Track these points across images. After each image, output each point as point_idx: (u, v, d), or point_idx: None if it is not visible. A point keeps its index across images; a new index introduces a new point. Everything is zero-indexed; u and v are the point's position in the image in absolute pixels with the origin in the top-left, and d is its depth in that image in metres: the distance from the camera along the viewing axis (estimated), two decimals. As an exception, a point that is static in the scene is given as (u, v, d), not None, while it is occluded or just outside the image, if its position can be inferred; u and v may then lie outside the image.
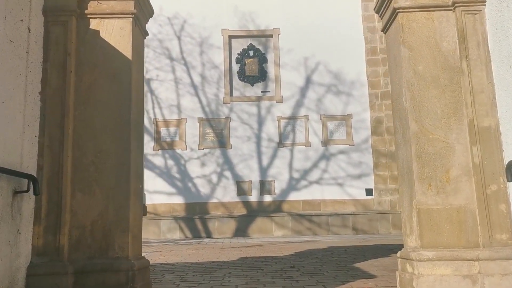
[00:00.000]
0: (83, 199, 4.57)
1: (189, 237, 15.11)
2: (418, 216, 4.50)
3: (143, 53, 5.35)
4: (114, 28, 4.89)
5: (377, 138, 16.41)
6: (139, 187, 4.95)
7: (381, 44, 16.79)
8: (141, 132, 5.09)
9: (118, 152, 4.64)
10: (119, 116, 4.71)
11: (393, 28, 5.03)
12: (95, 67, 4.80)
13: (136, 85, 4.95)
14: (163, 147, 16.43)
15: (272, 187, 16.30)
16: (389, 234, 14.95)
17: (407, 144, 4.71)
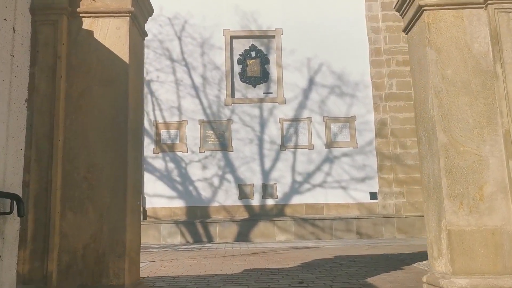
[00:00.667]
0: (74, 220, 4.03)
1: (190, 241, 14.57)
2: (448, 238, 3.96)
3: (142, 55, 4.81)
4: (110, 28, 4.35)
5: (382, 141, 15.87)
6: (137, 204, 4.41)
7: (385, 44, 16.25)
8: (139, 143, 4.55)
9: (113, 165, 4.11)
10: (115, 125, 4.17)
11: (417, 28, 4.49)
12: (88, 72, 4.26)
13: (134, 91, 4.40)
14: (163, 150, 15.89)
15: (275, 190, 15.76)
16: (394, 239, 14.43)
17: (434, 157, 4.18)
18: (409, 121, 15.80)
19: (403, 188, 15.52)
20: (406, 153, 15.68)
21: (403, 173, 15.57)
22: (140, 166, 4.54)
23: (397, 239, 14.25)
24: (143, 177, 15.65)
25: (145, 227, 14.71)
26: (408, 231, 14.84)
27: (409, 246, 11.88)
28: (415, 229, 14.86)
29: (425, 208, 4.48)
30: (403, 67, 16.07)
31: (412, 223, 14.90)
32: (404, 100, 15.91)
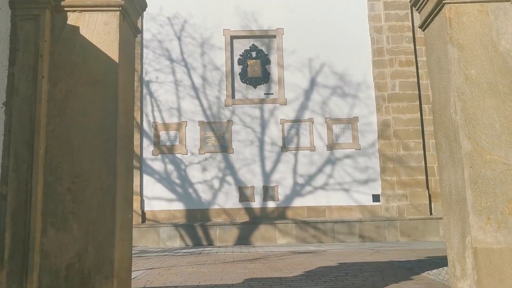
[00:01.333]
0: (57, 237, 3.56)
1: (190, 245, 14.11)
2: (474, 258, 3.49)
3: (133, 53, 4.33)
4: (97, 24, 3.88)
5: (384, 142, 15.39)
6: (128, 218, 3.94)
7: (388, 44, 15.78)
8: (131, 150, 4.08)
9: (101, 176, 3.63)
10: (103, 131, 3.70)
11: (437, 24, 4.02)
12: (74, 72, 3.79)
13: (124, 93, 3.93)
14: (162, 152, 15.42)
15: (276, 192, 15.30)
16: (397, 242, 13.97)
17: (456, 166, 3.70)
18: (413, 122, 15.34)
19: (406, 191, 15.05)
20: (409, 154, 15.21)
21: (406, 175, 15.10)
22: (132, 176, 4.08)
23: (400, 243, 13.79)
24: (142, 179, 15.20)
25: (144, 230, 14.26)
26: (411, 234, 14.38)
27: (414, 251, 11.42)
28: (418, 232, 14.40)
29: (445, 222, 4.00)
30: (406, 68, 15.61)
31: (415, 226, 14.44)
32: (407, 101, 15.44)
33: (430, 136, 15.42)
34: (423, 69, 15.73)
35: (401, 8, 15.88)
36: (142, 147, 15.35)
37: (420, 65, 15.74)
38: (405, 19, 15.84)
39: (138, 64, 15.68)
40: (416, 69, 15.66)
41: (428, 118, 15.50)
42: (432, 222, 14.50)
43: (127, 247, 3.86)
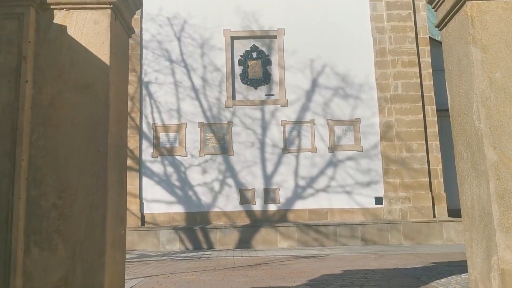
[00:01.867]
0: (41, 257, 3.19)
1: (190, 248, 13.74)
2: (501, 280, 3.12)
3: (126, 55, 3.96)
4: (87, 23, 3.51)
5: (387, 144, 15.03)
6: (120, 235, 3.57)
7: (390, 45, 15.41)
8: (123, 162, 3.71)
9: (90, 190, 3.27)
10: (93, 141, 3.33)
11: (457, 22, 3.65)
12: (60, 76, 3.42)
13: (116, 99, 3.56)
14: (162, 154, 15.05)
15: (277, 195, 14.93)
16: (400, 246, 13.61)
17: (480, 178, 3.33)
18: (415, 124, 14.97)
19: (409, 193, 14.69)
20: (412, 156, 14.84)
21: (409, 177, 14.74)
22: (124, 189, 3.71)
23: (403, 246, 13.44)
24: (141, 181, 14.83)
25: (144, 233, 13.89)
26: (414, 237, 14.01)
27: (419, 256, 11.05)
28: (422, 235, 14.03)
29: (467, 238, 3.63)
30: (409, 68, 15.24)
31: (418, 229, 14.08)
32: (410, 102, 15.07)
33: (433, 138, 15.07)
34: (426, 70, 15.38)
35: (404, 8, 15.51)
36: (141, 149, 14.98)
37: (423, 66, 15.38)
38: (408, 19, 15.47)
39: (137, 65, 15.31)
40: (419, 70, 15.28)
41: (431, 119, 15.15)
42: (435, 225, 14.13)
43: (119, 268, 3.49)
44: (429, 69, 15.40)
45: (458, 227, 14.10)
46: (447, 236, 14.02)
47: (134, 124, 14.95)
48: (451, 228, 14.08)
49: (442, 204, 14.79)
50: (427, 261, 9.87)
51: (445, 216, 14.68)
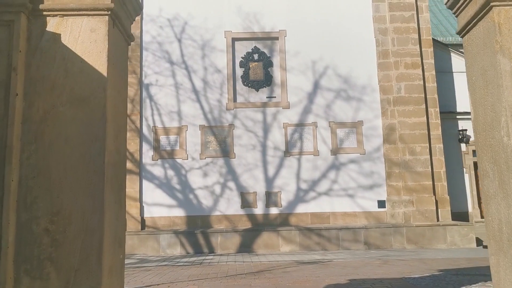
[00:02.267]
0: (32, 287, 2.89)
1: (191, 253, 13.46)
2: (534, 312, 2.82)
3: (125, 65, 3.66)
4: (82, 31, 3.21)
5: (390, 147, 14.74)
6: (118, 260, 3.27)
7: (393, 46, 15.11)
8: (122, 181, 3.41)
9: (85, 213, 2.97)
10: (89, 159, 3.03)
11: (481, 29, 3.35)
12: (54, 88, 3.12)
13: (114, 113, 3.26)
14: (162, 156, 14.75)
15: (279, 198, 14.64)
16: (403, 250, 13.34)
17: (509, 199, 3.04)
18: (419, 126, 14.68)
19: (413, 196, 14.41)
20: (415, 159, 14.56)
21: (413, 180, 14.46)
22: (123, 210, 3.42)
23: (407, 251, 13.16)
24: (142, 185, 14.54)
25: (144, 237, 13.60)
26: (418, 241, 13.74)
27: (424, 262, 10.76)
28: (425, 239, 13.76)
29: (494, 263, 3.34)
30: (412, 70, 14.95)
31: (422, 233, 13.80)
32: (413, 104, 14.79)
33: (436, 140, 14.78)
34: (429, 72, 15.09)
35: (407, 10, 15.21)
36: (142, 152, 14.68)
37: (426, 67, 15.09)
38: (411, 21, 15.17)
39: (138, 66, 15.01)
40: (422, 72, 14.99)
41: (434, 121, 14.87)
42: (439, 229, 13.86)
43: (117, 297, 3.20)
44: (432, 71, 15.11)
45: (462, 231, 13.83)
46: (451, 240, 13.74)
47: (134, 127, 14.65)
48: (455, 232, 13.81)
49: (446, 208, 14.51)
50: (434, 268, 9.58)
51: (448, 220, 14.41)
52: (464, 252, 12.61)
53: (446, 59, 16.67)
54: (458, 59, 16.83)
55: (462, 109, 16.48)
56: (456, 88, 16.60)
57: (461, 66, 16.81)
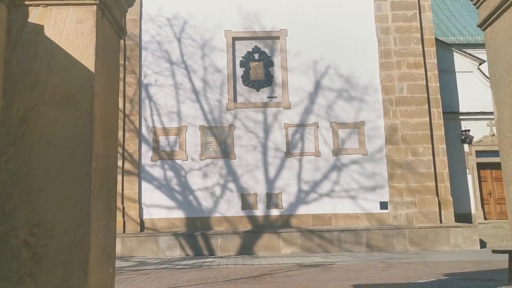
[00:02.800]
0: (10, 307, 2.56)
1: (190, 255, 13.13)
2: None
3: (116, 60, 3.32)
4: (68, 22, 2.88)
5: (392, 147, 14.41)
6: (107, 274, 2.93)
7: (395, 46, 14.78)
8: (112, 187, 3.08)
9: (69, 224, 2.64)
10: (73, 164, 2.70)
11: (506, 22, 3.02)
12: (36, 85, 2.79)
13: (103, 113, 2.93)
14: (162, 157, 14.42)
15: (280, 200, 14.31)
16: (407, 252, 13.01)
17: (539, 209, 2.71)
18: (421, 127, 14.36)
19: (415, 198, 14.08)
20: (418, 160, 14.23)
21: (415, 181, 14.13)
22: (113, 219, 3.09)
23: (410, 253, 12.83)
24: (141, 186, 14.20)
25: (143, 239, 13.27)
26: (421, 243, 13.42)
27: (429, 265, 10.43)
28: (428, 241, 13.43)
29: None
30: (414, 70, 14.62)
31: (424, 235, 13.48)
32: (415, 104, 14.46)
33: (439, 141, 14.45)
34: (432, 72, 14.76)
35: (409, 8, 14.88)
36: (141, 153, 14.35)
37: (429, 67, 14.76)
38: (413, 20, 14.84)
39: (137, 66, 14.68)
40: (424, 72, 14.66)
41: (437, 122, 14.54)
42: (442, 231, 13.53)
43: (106, 316, 2.87)
44: (435, 71, 14.78)
45: (466, 232, 13.51)
46: (454, 242, 13.41)
47: (133, 127, 14.32)
48: (458, 234, 13.48)
49: (449, 209, 14.17)
50: (439, 272, 9.26)
51: (452, 222, 14.07)
52: (468, 255, 12.28)
53: (448, 59, 16.34)
54: (460, 59, 16.50)
55: (464, 109, 16.16)
56: (459, 88, 16.26)
57: (463, 66, 16.50)
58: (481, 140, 16.10)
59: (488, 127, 16.19)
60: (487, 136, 16.12)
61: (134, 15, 14.81)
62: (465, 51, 17.15)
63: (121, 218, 13.68)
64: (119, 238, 13.11)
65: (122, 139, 14.11)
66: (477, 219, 15.61)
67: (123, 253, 12.95)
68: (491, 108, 16.14)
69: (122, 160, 14.00)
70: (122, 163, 14.00)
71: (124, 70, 14.46)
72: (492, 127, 16.09)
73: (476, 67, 16.52)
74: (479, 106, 16.12)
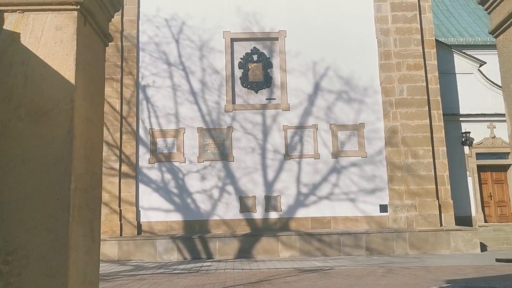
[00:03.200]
0: None
1: (188, 258, 12.89)
2: None
3: (101, 70, 3.06)
4: (46, 29, 2.62)
5: (392, 150, 14.17)
6: (90, 303, 2.68)
7: (395, 47, 14.53)
8: (95, 207, 2.82)
9: (46, 252, 2.39)
10: (50, 185, 2.45)
11: (522, 29, 2.76)
12: (11, 99, 2.53)
13: (86, 128, 2.68)
14: (159, 160, 14.17)
15: (278, 203, 14.06)
16: (407, 256, 12.77)
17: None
18: (421, 129, 14.11)
19: (415, 201, 13.84)
20: (418, 163, 13.98)
21: (415, 184, 13.88)
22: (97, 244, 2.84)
23: (410, 257, 12.59)
24: (138, 189, 13.95)
25: (140, 243, 13.03)
26: (421, 246, 13.18)
27: (430, 270, 10.19)
28: (428, 245, 13.20)
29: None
30: (415, 71, 14.37)
31: (425, 238, 13.24)
32: (415, 106, 14.21)
33: (439, 143, 14.21)
34: (432, 73, 14.51)
35: (409, 10, 14.63)
36: (138, 155, 14.09)
37: (429, 69, 14.51)
38: (413, 21, 14.58)
39: (134, 68, 14.42)
40: (424, 73, 14.41)
41: (437, 124, 14.29)
42: (442, 234, 13.29)
43: None
44: (435, 72, 14.53)
45: (466, 236, 13.27)
46: (455, 245, 13.18)
47: (130, 129, 14.07)
48: (458, 237, 13.24)
49: (449, 212, 13.93)
50: (440, 279, 9.01)
51: (452, 225, 13.84)
52: (469, 259, 12.04)
53: (449, 60, 16.08)
54: (461, 60, 16.25)
55: (465, 111, 15.91)
56: (459, 90, 16.02)
57: (464, 68, 16.25)
58: (481, 142, 15.86)
59: (489, 129, 15.94)
60: (488, 138, 15.88)
61: (132, 16, 14.56)
62: (465, 52, 16.89)
63: (118, 221, 13.45)
64: (116, 241, 12.88)
65: (119, 141, 13.86)
66: (477, 222, 15.38)
67: (120, 256, 12.71)
68: (491, 110, 16.00)
69: (119, 163, 13.76)
70: (119, 165, 13.76)
71: (121, 71, 14.21)
72: (492, 129, 15.86)
73: (477, 69, 16.27)
74: (479, 108, 15.88)
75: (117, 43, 14.25)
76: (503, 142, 15.80)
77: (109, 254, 12.64)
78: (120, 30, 14.36)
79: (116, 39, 14.28)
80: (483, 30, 20.03)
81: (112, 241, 12.82)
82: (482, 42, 19.28)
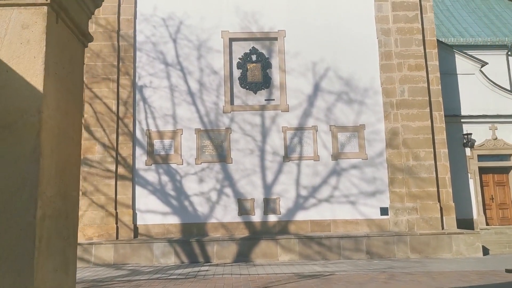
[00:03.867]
0: None
1: (185, 262, 12.48)
2: None
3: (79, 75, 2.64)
4: (10, 27, 2.21)
5: (393, 152, 13.77)
6: None
7: (396, 47, 14.13)
8: (70, 233, 2.41)
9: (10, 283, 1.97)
10: (13, 213, 2.03)
11: None
12: (-33, 108, 2.12)
13: (58, 142, 2.26)
14: (156, 161, 13.74)
15: (277, 205, 13.66)
16: (408, 260, 12.39)
17: None
18: (423, 130, 13.71)
19: (417, 203, 13.45)
20: (419, 165, 13.59)
21: (417, 186, 13.49)
22: (71, 277, 2.42)
23: (411, 261, 12.20)
24: (134, 191, 13.53)
25: (136, 246, 12.61)
26: (422, 250, 12.79)
27: (432, 276, 9.80)
28: (430, 248, 12.81)
29: None
30: (416, 72, 13.97)
31: (426, 242, 12.86)
32: (416, 107, 13.81)
33: (441, 145, 13.81)
34: (434, 74, 14.12)
35: (410, 9, 14.22)
36: (135, 157, 13.67)
37: (430, 69, 14.11)
38: (415, 21, 14.18)
39: (131, 68, 13.99)
40: (426, 74, 14.01)
41: (439, 125, 13.90)
42: (444, 237, 12.90)
43: None
44: (437, 73, 14.13)
45: (468, 239, 12.89)
46: (457, 249, 12.79)
47: (127, 131, 13.65)
48: (460, 241, 12.86)
49: (451, 215, 13.55)
50: (444, 286, 8.63)
51: (454, 228, 13.45)
52: (472, 263, 11.66)
53: (450, 61, 15.68)
54: (462, 61, 15.85)
55: (466, 113, 15.51)
56: (461, 91, 15.62)
57: (465, 68, 15.85)
58: (483, 144, 15.46)
59: (490, 130, 15.55)
60: (489, 140, 15.48)
61: (128, 15, 14.13)
62: (466, 52, 16.47)
63: (114, 224, 13.05)
64: (111, 245, 12.47)
65: (116, 142, 13.45)
66: (479, 225, 14.99)
67: (116, 260, 12.30)
68: (493, 111, 15.61)
69: (116, 164, 13.34)
70: (115, 167, 13.34)
71: (118, 71, 13.78)
72: (494, 130, 15.46)
73: (478, 69, 15.87)
74: (481, 109, 15.49)
75: (113, 42, 13.83)
76: (505, 144, 15.41)
77: (105, 258, 12.23)
78: (116, 30, 13.94)
79: (112, 39, 13.86)
80: (484, 30, 19.65)
81: (108, 244, 12.41)
82: (483, 42, 18.90)
